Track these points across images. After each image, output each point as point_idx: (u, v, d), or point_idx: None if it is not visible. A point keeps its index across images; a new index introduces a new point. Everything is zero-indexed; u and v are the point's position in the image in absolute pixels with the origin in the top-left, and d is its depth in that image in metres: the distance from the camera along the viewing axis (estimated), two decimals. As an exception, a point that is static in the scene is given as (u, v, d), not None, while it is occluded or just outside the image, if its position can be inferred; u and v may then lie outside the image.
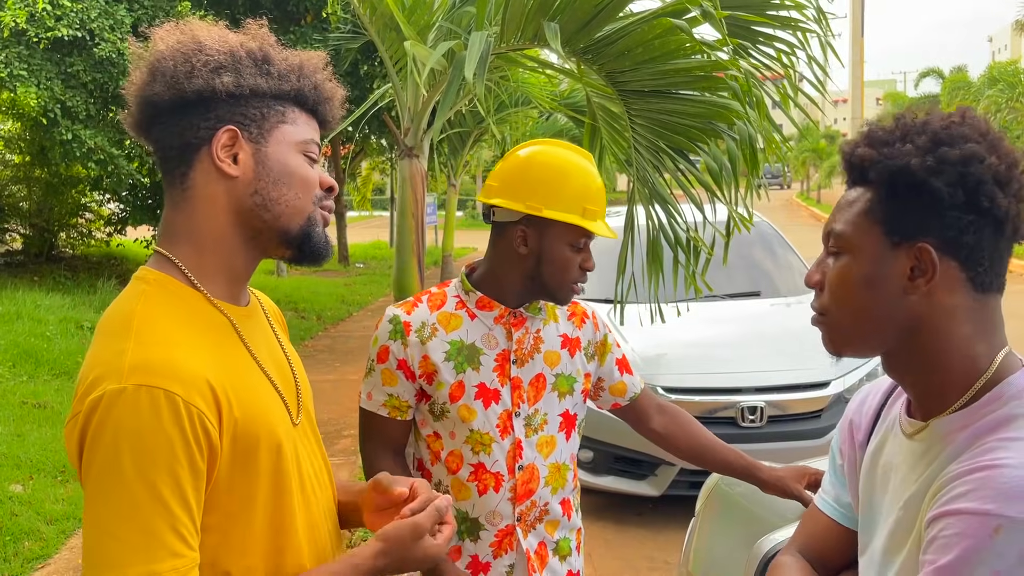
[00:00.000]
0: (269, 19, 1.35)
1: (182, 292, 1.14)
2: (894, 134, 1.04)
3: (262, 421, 1.11)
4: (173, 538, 0.99)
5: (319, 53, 1.26)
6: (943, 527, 0.93)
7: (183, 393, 1.02)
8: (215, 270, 1.16)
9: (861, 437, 1.20)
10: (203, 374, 1.05)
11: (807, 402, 4.35)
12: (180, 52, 1.14)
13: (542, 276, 1.68)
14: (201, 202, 1.15)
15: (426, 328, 1.69)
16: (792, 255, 5.97)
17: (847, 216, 1.07)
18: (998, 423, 0.98)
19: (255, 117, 1.16)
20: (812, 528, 1.28)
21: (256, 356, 1.18)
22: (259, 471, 1.10)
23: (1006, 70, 18.34)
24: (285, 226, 1.17)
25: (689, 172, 3.62)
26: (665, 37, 3.07)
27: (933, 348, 1.03)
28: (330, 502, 1.28)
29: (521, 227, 1.66)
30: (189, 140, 1.14)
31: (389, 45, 4.02)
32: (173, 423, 1.00)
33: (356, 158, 17.85)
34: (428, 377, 1.69)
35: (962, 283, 1.01)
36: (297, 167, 1.18)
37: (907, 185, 1.01)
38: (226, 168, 1.14)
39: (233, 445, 1.07)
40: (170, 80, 1.13)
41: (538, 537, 1.74)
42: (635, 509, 4.59)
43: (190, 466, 1.01)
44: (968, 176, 0.98)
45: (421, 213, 4.17)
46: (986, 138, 1.02)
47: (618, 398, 1.91)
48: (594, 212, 1.66)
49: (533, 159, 1.70)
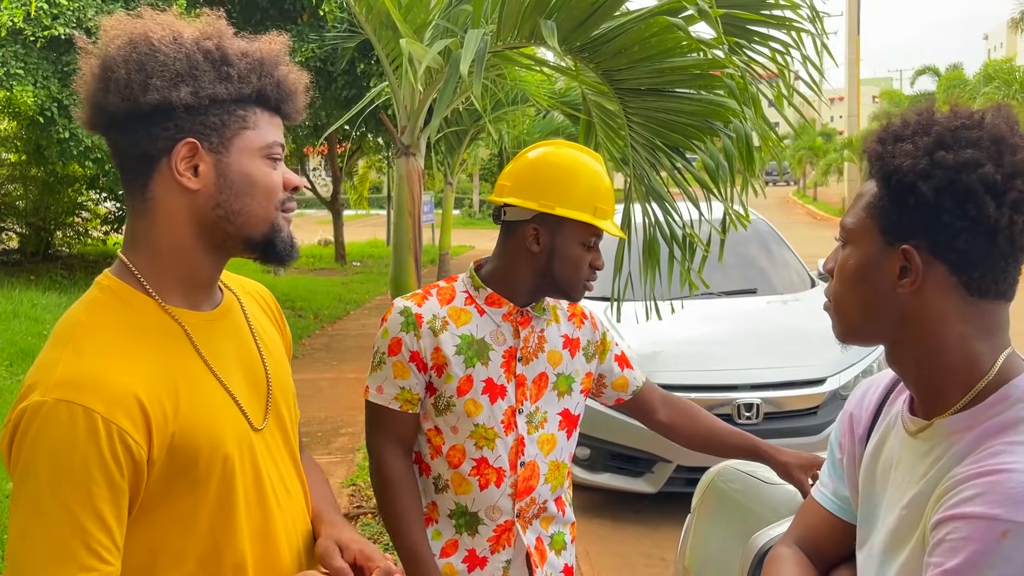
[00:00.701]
0: (266, 17, 1.32)
1: (135, 300, 1.13)
2: (905, 131, 1.03)
3: (205, 433, 1.10)
4: (85, 554, 1.00)
5: (279, 39, 1.21)
6: (950, 531, 0.93)
7: (104, 411, 1.02)
8: (173, 278, 1.15)
9: (861, 431, 1.21)
10: (133, 389, 1.05)
11: (803, 399, 4.37)
12: (133, 58, 1.09)
13: (554, 273, 1.70)
14: (161, 213, 1.13)
15: (437, 320, 1.70)
16: (788, 252, 5.99)
17: (855, 209, 1.08)
18: (1004, 426, 0.98)
19: (215, 126, 1.12)
20: (809, 520, 1.28)
21: (211, 364, 1.16)
22: (199, 483, 1.10)
23: (1001, 68, 18.38)
24: (248, 235, 1.16)
25: (686, 170, 3.63)
26: (661, 35, 3.07)
27: (926, 345, 1.03)
28: (300, 507, 1.27)
29: (534, 225, 1.68)
30: (147, 151, 1.12)
31: (385, 43, 4.02)
32: (89, 440, 1.01)
33: (353, 156, 17.81)
34: (438, 369, 1.69)
35: (953, 286, 1.01)
36: (260, 176, 1.15)
37: (900, 186, 1.01)
38: (186, 182, 1.12)
39: (170, 459, 1.07)
40: (124, 91, 1.09)
41: (536, 533, 1.76)
42: (632, 506, 4.60)
43: (107, 483, 1.02)
44: (958, 183, 0.97)
45: (418, 211, 4.17)
46: (999, 144, 0.99)
47: (621, 393, 1.93)
48: (604, 211, 1.69)
49: (545, 159, 1.73)
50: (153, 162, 1.12)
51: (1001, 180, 0.97)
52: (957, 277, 1.00)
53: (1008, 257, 0.99)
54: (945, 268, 1.00)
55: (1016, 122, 1.02)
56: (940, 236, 0.99)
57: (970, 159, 0.97)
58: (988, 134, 0.99)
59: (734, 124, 3.36)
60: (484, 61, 3.04)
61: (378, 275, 15.38)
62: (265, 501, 1.18)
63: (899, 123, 1.05)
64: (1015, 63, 21.61)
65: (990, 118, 1.01)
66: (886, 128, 1.06)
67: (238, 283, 1.33)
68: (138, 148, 1.12)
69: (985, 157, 0.98)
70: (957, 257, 0.99)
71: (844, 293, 1.09)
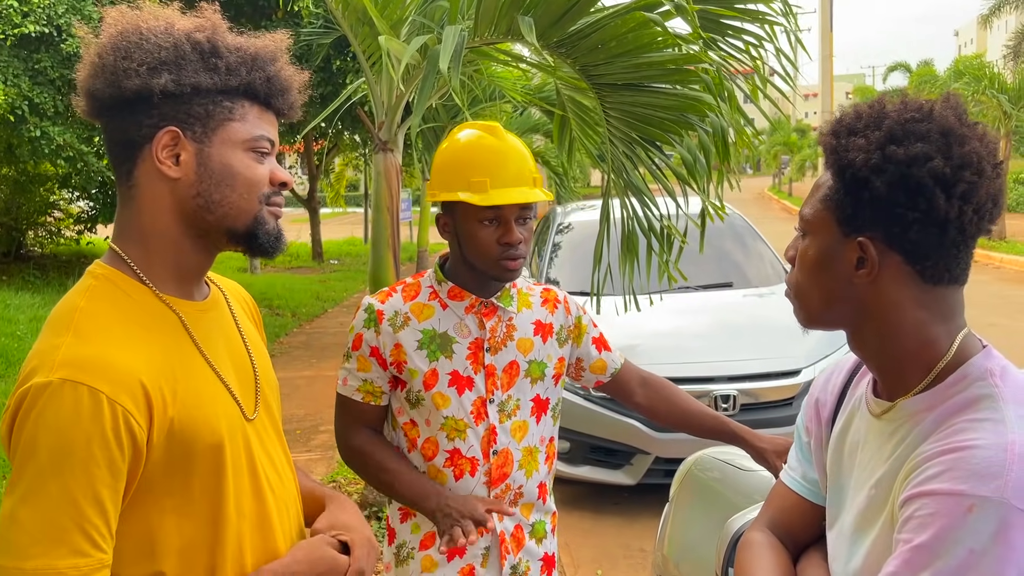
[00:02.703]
0: (240, 14, 1.33)
1: (130, 288, 1.13)
2: (858, 124, 1.05)
3: (202, 420, 1.11)
4: (79, 537, 0.99)
5: (279, 36, 1.23)
6: (918, 507, 0.96)
7: (109, 391, 1.01)
8: (164, 267, 1.16)
9: (827, 414, 1.24)
10: (136, 372, 1.05)
11: (779, 390, 4.43)
12: (121, 46, 1.11)
13: (468, 259, 1.71)
14: (146, 201, 1.14)
15: (399, 317, 1.73)
16: (763, 246, 6.06)
17: (813, 200, 1.11)
18: (965, 404, 1.00)
19: (199, 115, 1.13)
20: (780, 504, 1.31)
21: (205, 352, 1.17)
22: (196, 470, 1.11)
23: (971, 64, 18.63)
24: (230, 226, 1.16)
25: (663, 164, 3.66)
26: (638, 31, 3.09)
27: (885, 331, 1.06)
28: (292, 494, 1.29)
29: (442, 216, 1.72)
30: (132, 137, 1.13)
31: (362, 40, 4.01)
32: (93, 421, 1.00)
33: (329, 154, 17.72)
34: (399, 365, 1.72)
35: (909, 275, 1.03)
36: (242, 168, 1.15)
37: (854, 180, 1.03)
38: (166, 170, 1.13)
39: (168, 444, 1.08)
40: (110, 77, 1.11)
41: (514, 520, 1.78)
42: (611, 498, 4.63)
43: (108, 466, 1.01)
44: (909, 177, 0.99)
45: (396, 208, 4.16)
46: (947, 136, 1.00)
47: (599, 375, 1.94)
48: (481, 183, 1.63)
49: (439, 151, 1.75)
50: (137, 148, 1.13)
51: (950, 172, 0.99)
52: (911, 266, 1.03)
53: (959, 245, 1.02)
54: (900, 258, 1.03)
55: (964, 111, 1.04)
56: (893, 228, 1.01)
57: (920, 153, 0.99)
58: (937, 126, 1.01)
59: (710, 118, 3.40)
60: (462, 57, 3.05)
61: (356, 273, 15.32)
62: (259, 488, 1.20)
63: (852, 115, 1.07)
64: (984, 59, 21.91)
65: (939, 109, 1.03)
66: (840, 121, 1.09)
67: (220, 280, 1.34)
68: (124, 135, 1.13)
69: (934, 150, 0.99)
70: (911, 247, 1.02)
71: (805, 282, 1.11)
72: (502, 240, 1.66)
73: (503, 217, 1.65)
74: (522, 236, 1.67)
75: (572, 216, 6.37)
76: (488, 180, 1.63)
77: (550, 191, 1.59)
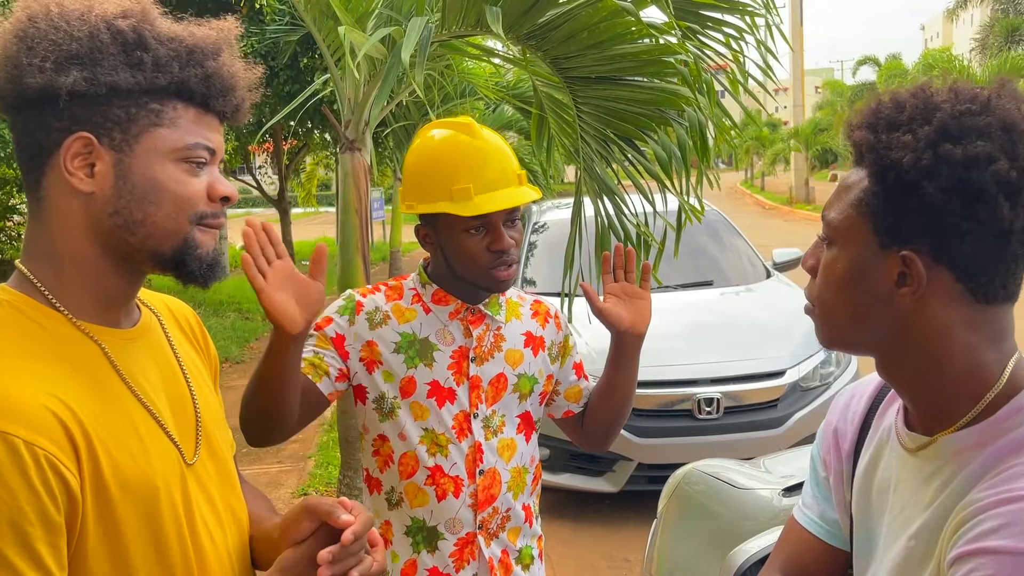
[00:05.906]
0: (204, 10, 1.15)
1: (40, 315, 0.97)
2: (900, 116, 0.90)
3: (131, 465, 0.95)
4: None
5: (226, 25, 1.07)
6: (973, 567, 0.82)
7: (24, 434, 0.85)
8: (81, 291, 0.99)
9: (848, 447, 1.09)
10: (52, 409, 0.89)
11: (763, 392, 4.32)
12: (28, 35, 0.94)
13: (456, 270, 1.58)
14: (56, 217, 0.98)
15: (378, 314, 1.61)
16: (742, 242, 5.96)
17: (841, 204, 0.95)
18: (1021, 443, 0.87)
19: (118, 120, 0.96)
20: (795, 547, 1.16)
21: (135, 387, 1.00)
22: (127, 525, 0.95)
23: (940, 57, 18.78)
24: (155, 249, 1.00)
25: (638, 162, 3.53)
26: (611, 20, 2.97)
27: (928, 357, 0.92)
28: (239, 546, 1.13)
29: (422, 227, 1.60)
30: (40, 141, 0.96)
31: (327, 35, 3.86)
32: (14, 471, 0.84)
33: (300, 153, 17.49)
34: (369, 365, 1.58)
35: (959, 294, 0.89)
36: (170, 182, 0.99)
37: (899, 184, 0.88)
38: (77, 183, 0.96)
39: (96, 491, 0.92)
40: (12, 71, 0.94)
41: (501, 545, 1.64)
42: (593, 506, 4.51)
43: (41, 521, 0.86)
44: (969, 182, 0.84)
45: (365, 208, 4.03)
46: (1010, 132, 0.86)
47: (572, 404, 1.79)
48: (464, 191, 1.50)
49: (409, 155, 1.61)
50: (45, 155, 0.96)
51: (1016, 176, 0.84)
52: (963, 284, 0.88)
53: (1019, 259, 0.88)
54: (950, 275, 0.88)
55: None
56: (945, 240, 0.87)
57: (981, 153, 0.85)
58: (997, 120, 0.87)
59: (687, 113, 3.28)
60: (428, 50, 2.91)
61: (328, 275, 15.09)
62: (197, 539, 1.04)
63: (891, 106, 0.92)
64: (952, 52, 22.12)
65: (997, 99, 0.88)
66: (876, 112, 0.93)
67: (156, 300, 1.17)
68: (30, 137, 0.97)
69: (997, 149, 0.85)
70: (963, 262, 0.87)
71: (831, 298, 0.96)
72: (492, 247, 1.53)
73: (491, 223, 1.53)
74: (512, 240, 1.55)
75: (548, 215, 6.21)
76: (471, 186, 1.50)
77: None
